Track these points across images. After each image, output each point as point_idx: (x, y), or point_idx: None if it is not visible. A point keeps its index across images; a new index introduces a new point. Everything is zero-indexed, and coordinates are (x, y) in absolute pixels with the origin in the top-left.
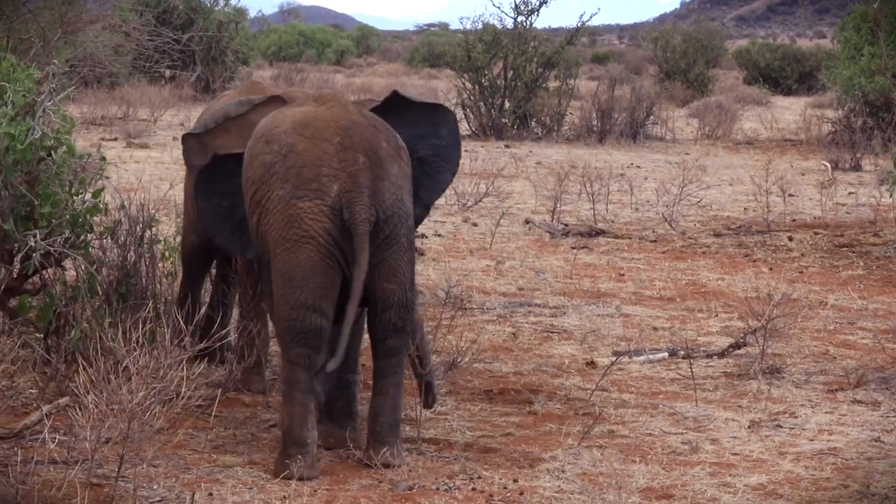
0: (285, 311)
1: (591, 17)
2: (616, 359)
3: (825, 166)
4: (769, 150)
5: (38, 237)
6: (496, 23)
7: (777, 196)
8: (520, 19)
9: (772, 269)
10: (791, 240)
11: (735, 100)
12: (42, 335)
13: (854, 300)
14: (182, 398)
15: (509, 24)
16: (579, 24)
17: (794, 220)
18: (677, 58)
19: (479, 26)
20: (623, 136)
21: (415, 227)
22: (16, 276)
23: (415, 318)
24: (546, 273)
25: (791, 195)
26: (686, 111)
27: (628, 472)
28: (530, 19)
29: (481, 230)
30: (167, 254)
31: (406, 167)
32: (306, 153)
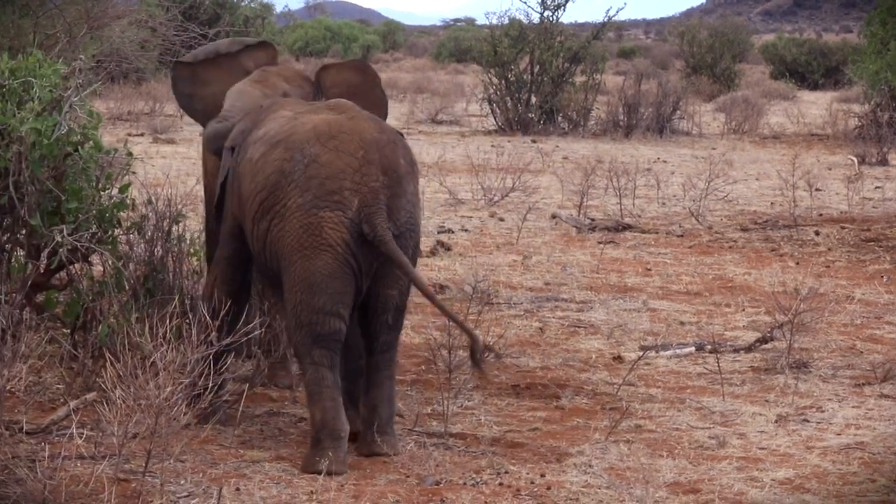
0: (307, 315)
1: (617, 11)
2: (643, 353)
3: (852, 161)
4: (796, 145)
5: (65, 232)
6: (522, 18)
7: (804, 191)
8: (546, 14)
9: (798, 263)
10: (818, 234)
11: (761, 94)
12: (69, 330)
13: (881, 294)
14: (209, 393)
15: (535, 18)
16: (605, 19)
17: (820, 215)
18: (704, 52)
19: (506, 21)
20: (649, 130)
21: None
22: (43, 271)
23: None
24: (573, 268)
25: (818, 190)
26: (712, 106)
27: (655, 467)
28: (556, 14)
29: (508, 225)
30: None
31: (418, 183)
32: (330, 165)
